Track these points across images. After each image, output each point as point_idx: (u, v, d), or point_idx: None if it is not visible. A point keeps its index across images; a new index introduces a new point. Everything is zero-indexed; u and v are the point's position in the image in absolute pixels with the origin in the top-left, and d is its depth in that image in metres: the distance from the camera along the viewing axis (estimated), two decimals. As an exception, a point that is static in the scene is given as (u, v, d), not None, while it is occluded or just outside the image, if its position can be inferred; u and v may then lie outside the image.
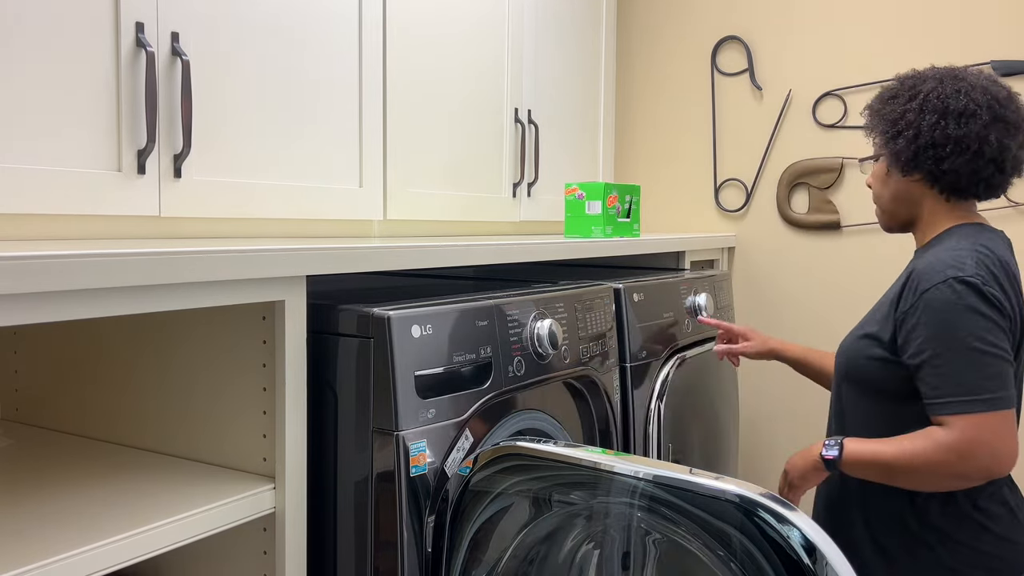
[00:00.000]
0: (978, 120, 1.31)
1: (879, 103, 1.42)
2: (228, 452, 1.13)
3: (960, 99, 1.32)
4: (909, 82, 1.39)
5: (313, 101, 1.50)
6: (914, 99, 1.36)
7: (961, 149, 1.31)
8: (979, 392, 1.18)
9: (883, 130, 1.40)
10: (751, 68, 2.48)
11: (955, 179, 1.33)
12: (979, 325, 1.20)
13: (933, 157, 1.33)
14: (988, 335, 1.20)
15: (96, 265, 0.81)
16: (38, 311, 0.79)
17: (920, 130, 1.33)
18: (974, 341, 1.20)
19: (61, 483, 1.07)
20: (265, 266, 1.00)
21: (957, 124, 1.31)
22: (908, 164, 1.36)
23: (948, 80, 1.36)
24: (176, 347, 1.18)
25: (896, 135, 1.37)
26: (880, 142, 1.42)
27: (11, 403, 1.39)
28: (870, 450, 1.26)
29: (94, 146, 1.16)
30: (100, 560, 0.87)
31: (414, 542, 1.12)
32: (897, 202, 1.42)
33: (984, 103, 1.32)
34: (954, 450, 1.18)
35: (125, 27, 1.18)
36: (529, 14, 2.11)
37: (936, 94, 1.34)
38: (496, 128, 2.01)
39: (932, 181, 1.36)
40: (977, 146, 1.30)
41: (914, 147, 1.34)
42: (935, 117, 1.32)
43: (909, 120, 1.34)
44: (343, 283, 1.59)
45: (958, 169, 1.32)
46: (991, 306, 1.22)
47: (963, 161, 1.31)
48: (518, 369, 1.32)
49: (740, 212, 2.54)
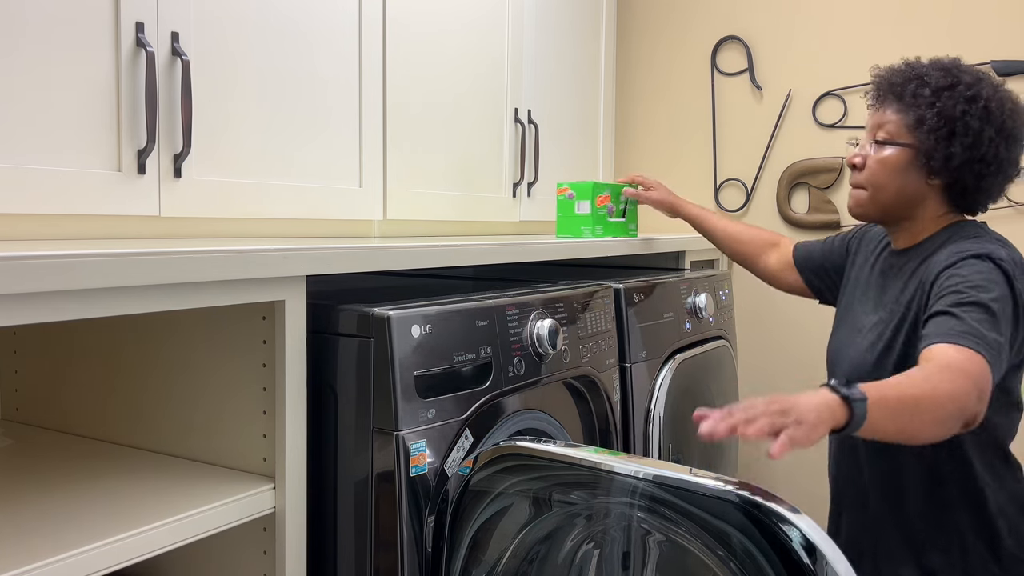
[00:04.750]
0: (1018, 143, 1.26)
1: (931, 91, 1.25)
2: (228, 452, 1.13)
3: (1015, 119, 1.25)
4: (966, 77, 1.25)
5: (313, 101, 1.50)
6: (974, 102, 1.24)
7: (1000, 170, 1.26)
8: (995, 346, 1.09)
9: (933, 125, 1.24)
10: (751, 68, 2.48)
11: (980, 197, 1.28)
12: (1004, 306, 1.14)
13: (976, 172, 1.25)
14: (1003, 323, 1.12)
15: (96, 265, 0.81)
16: (38, 311, 0.79)
17: (980, 141, 1.23)
18: (997, 306, 1.12)
19: (61, 483, 1.06)
20: (265, 266, 1.00)
21: (1007, 145, 1.25)
22: (946, 170, 1.25)
23: (1001, 90, 1.27)
24: (176, 347, 1.18)
25: (950, 136, 1.24)
26: (923, 133, 1.26)
27: (11, 403, 1.39)
28: (894, 392, 0.98)
29: (94, 146, 1.16)
30: (100, 560, 0.87)
31: (414, 542, 1.12)
32: (900, 198, 1.31)
33: (1023, 127, 1.27)
34: (977, 384, 1.03)
35: (125, 27, 1.18)
36: (529, 14, 2.11)
37: (997, 105, 1.24)
38: (496, 128, 2.01)
39: (956, 192, 1.28)
40: (1011, 171, 1.27)
41: (966, 156, 1.23)
42: (993, 131, 1.23)
43: (971, 126, 1.23)
44: (343, 283, 1.59)
45: (990, 189, 1.27)
46: (1015, 302, 1.16)
47: (996, 182, 1.26)
48: (518, 369, 1.32)
49: (740, 212, 2.54)
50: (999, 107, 1.24)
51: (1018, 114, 1.26)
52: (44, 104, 1.11)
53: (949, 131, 1.24)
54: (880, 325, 1.31)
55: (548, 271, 2.02)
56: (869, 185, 1.33)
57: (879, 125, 1.32)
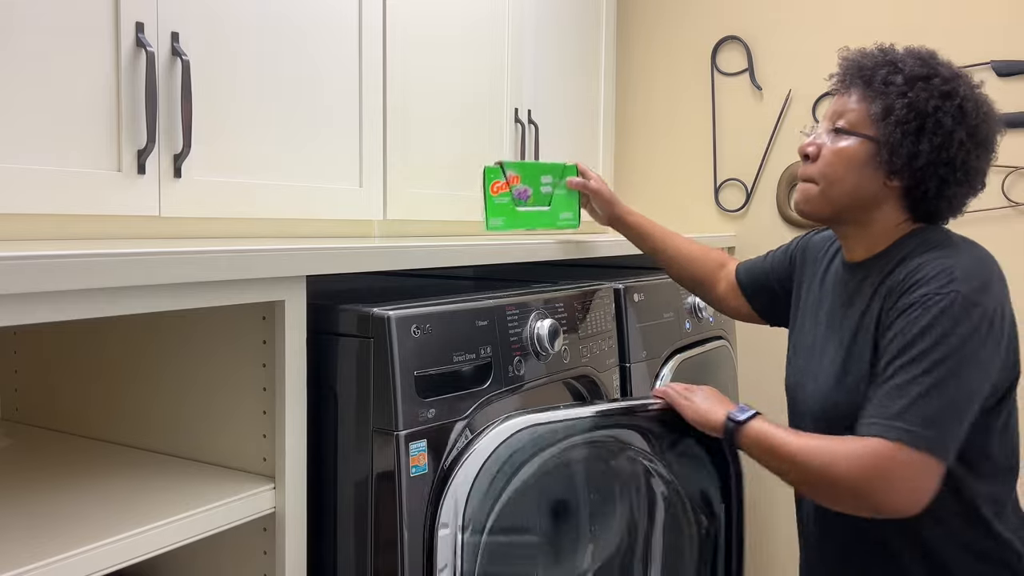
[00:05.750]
0: (990, 154, 1.15)
1: (904, 79, 1.12)
2: (228, 452, 1.13)
3: (990, 125, 1.14)
4: (944, 71, 1.12)
5: (313, 101, 1.50)
6: (949, 98, 1.10)
7: (967, 179, 1.13)
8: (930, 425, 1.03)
9: (902, 118, 1.11)
10: (751, 68, 2.48)
11: (941, 206, 1.15)
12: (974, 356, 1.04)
13: (941, 177, 1.12)
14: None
15: (96, 265, 0.81)
16: (38, 311, 0.79)
17: (950, 142, 1.10)
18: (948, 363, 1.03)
19: (61, 483, 1.06)
20: (265, 266, 1.00)
21: (978, 152, 1.12)
22: (908, 170, 1.12)
23: (978, 91, 1.14)
24: (176, 347, 1.18)
25: (918, 131, 1.10)
26: (888, 126, 1.12)
27: (11, 403, 1.39)
28: (779, 434, 1.12)
29: (94, 146, 1.16)
30: (100, 560, 0.86)
31: (414, 542, 1.12)
32: (854, 198, 1.16)
33: (996, 137, 1.15)
34: (880, 475, 1.02)
35: (125, 27, 1.18)
36: (529, 14, 2.11)
37: (972, 106, 1.11)
38: (496, 128, 2.01)
39: (916, 198, 1.14)
40: (978, 183, 1.15)
41: (932, 157, 1.10)
42: (965, 133, 1.10)
43: (942, 124, 1.10)
44: (343, 283, 1.59)
45: (952, 198, 1.14)
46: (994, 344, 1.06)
47: (960, 192, 1.14)
48: (518, 369, 1.32)
49: (740, 212, 2.54)
50: (975, 108, 1.12)
51: (992, 121, 1.15)
52: (44, 104, 1.11)
53: (918, 126, 1.10)
54: (844, 357, 1.17)
55: (548, 271, 2.02)
56: (821, 179, 1.18)
57: (840, 112, 1.17)
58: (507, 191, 1.54)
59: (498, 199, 1.53)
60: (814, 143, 1.20)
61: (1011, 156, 2.11)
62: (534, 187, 1.57)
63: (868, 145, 1.14)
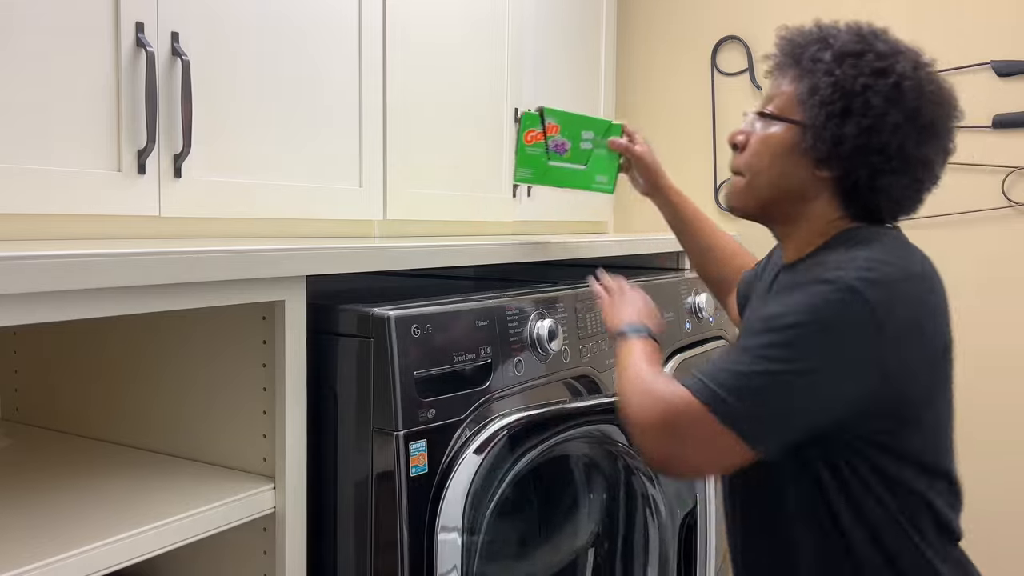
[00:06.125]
0: (938, 142, 1.00)
1: (833, 55, 0.99)
2: (228, 452, 1.13)
3: (935, 107, 0.99)
4: (881, 46, 1.00)
5: (313, 101, 1.50)
6: (882, 76, 0.97)
7: (906, 169, 0.99)
8: None
9: (826, 98, 0.98)
10: (751, 68, 2.48)
11: (879, 200, 1.01)
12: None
13: (872, 166, 0.98)
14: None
15: (96, 265, 0.81)
16: (38, 311, 0.79)
17: (880, 125, 0.96)
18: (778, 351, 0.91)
19: (61, 483, 1.06)
20: (265, 266, 1.00)
21: (919, 139, 0.98)
22: (834, 158, 0.99)
23: (924, 70, 0.99)
24: (176, 347, 1.18)
25: (844, 113, 0.97)
26: (814, 108, 0.99)
27: (11, 403, 1.38)
28: (632, 357, 1.06)
29: (94, 146, 1.16)
30: (100, 560, 0.86)
31: (414, 542, 1.12)
32: (781, 191, 1.05)
33: (948, 123, 1.01)
34: (662, 417, 0.94)
35: (125, 27, 1.18)
36: (529, 14, 2.11)
37: (912, 86, 0.97)
38: (496, 128, 2.01)
39: (846, 189, 1.01)
40: (922, 173, 1.00)
41: (860, 142, 0.97)
42: (901, 116, 0.96)
43: (871, 105, 0.96)
44: (343, 283, 1.59)
45: (889, 190, 1.00)
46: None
47: (898, 183, 0.99)
48: (518, 369, 1.32)
49: (740, 212, 2.54)
50: (915, 89, 0.97)
51: (941, 104, 0.99)
52: (44, 104, 1.11)
53: (844, 107, 0.97)
54: None
55: (548, 271, 2.02)
56: (747, 170, 1.08)
57: (770, 97, 1.07)
58: (541, 141, 1.38)
59: (530, 149, 1.38)
60: (743, 131, 1.09)
61: (1011, 156, 2.11)
62: (573, 141, 1.40)
63: (795, 131, 1.02)
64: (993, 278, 2.14)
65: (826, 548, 0.99)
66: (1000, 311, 2.13)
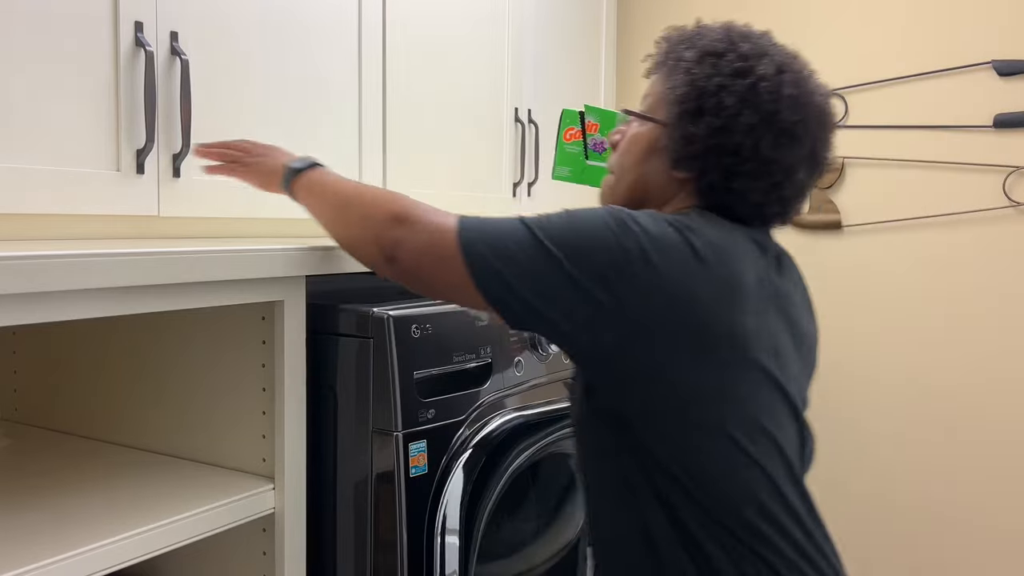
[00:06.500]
0: (799, 148, 0.97)
1: (695, 54, 0.98)
2: (228, 452, 1.13)
3: (796, 111, 0.96)
4: (744, 46, 0.98)
5: (312, 101, 1.50)
6: (740, 77, 0.95)
7: (762, 173, 0.96)
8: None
9: (682, 96, 0.97)
10: (751, 68, 2.48)
11: (737, 203, 0.98)
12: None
13: (725, 168, 0.96)
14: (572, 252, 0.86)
15: (96, 265, 0.81)
16: (37, 311, 0.79)
17: (732, 126, 0.94)
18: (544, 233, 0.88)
19: (60, 483, 1.06)
20: (265, 266, 1.00)
21: (777, 142, 0.95)
22: (688, 159, 0.98)
23: (789, 74, 0.97)
24: (176, 347, 1.18)
25: (696, 113, 0.96)
26: (671, 106, 0.99)
27: (10, 403, 1.38)
28: (332, 185, 1.03)
29: (93, 146, 1.16)
30: (100, 560, 0.86)
31: (413, 542, 1.12)
32: (642, 191, 1.03)
33: (812, 129, 0.98)
34: (404, 212, 0.94)
35: (124, 27, 1.18)
36: (529, 14, 2.11)
37: (771, 87, 0.95)
38: (496, 128, 2.01)
39: (702, 191, 0.99)
40: (781, 178, 0.97)
41: (711, 143, 0.95)
42: (756, 117, 0.94)
43: (724, 105, 0.94)
44: (343, 283, 1.59)
45: (745, 192, 0.97)
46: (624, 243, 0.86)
47: (757, 187, 0.96)
48: (518, 369, 1.32)
49: (740, 212, 2.54)
50: (773, 92, 0.95)
51: (804, 107, 0.96)
52: (43, 103, 1.11)
53: (697, 107, 0.96)
54: None
55: (548, 271, 2.02)
56: (616, 169, 1.06)
57: (644, 96, 1.07)
58: (580, 140, 1.40)
59: (569, 147, 1.39)
60: (619, 131, 1.09)
61: (1011, 156, 2.11)
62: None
63: (655, 130, 1.02)
64: (993, 278, 2.14)
65: (663, 522, 0.92)
66: (1000, 311, 2.13)
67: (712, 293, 0.87)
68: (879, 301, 2.31)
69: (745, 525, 0.89)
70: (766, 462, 0.90)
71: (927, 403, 2.25)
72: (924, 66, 2.21)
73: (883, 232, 2.30)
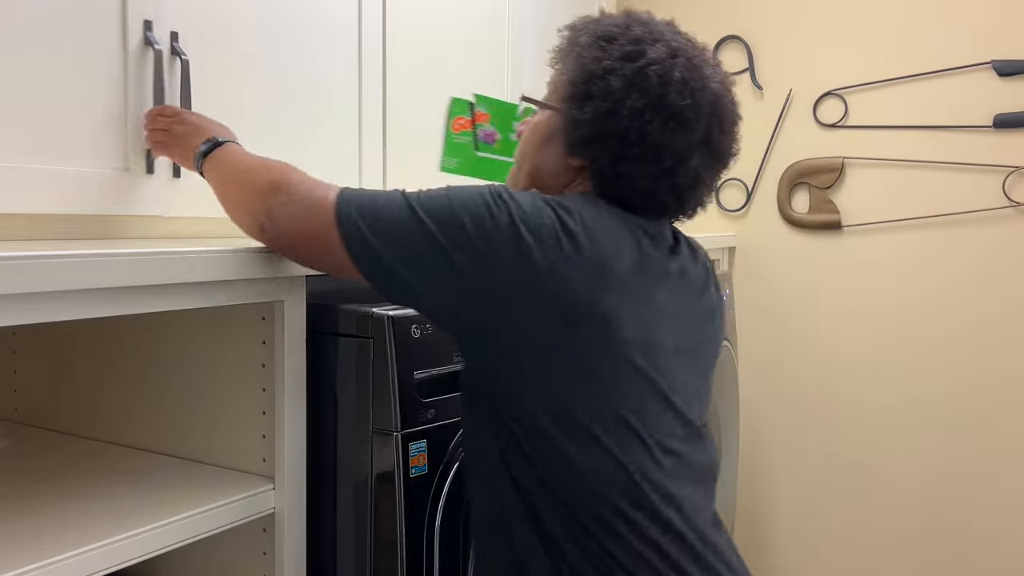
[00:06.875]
0: (690, 133, 0.94)
1: (589, 39, 0.98)
2: (227, 453, 1.13)
3: (686, 95, 0.93)
4: (638, 30, 0.96)
5: (312, 101, 1.50)
6: (629, 61, 0.94)
7: (652, 159, 0.94)
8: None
9: (572, 79, 0.97)
10: (751, 68, 2.48)
11: (627, 190, 0.96)
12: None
13: (613, 153, 0.94)
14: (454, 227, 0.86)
15: (96, 265, 0.81)
16: (38, 311, 0.79)
17: (618, 110, 0.93)
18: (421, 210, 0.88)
19: (60, 483, 1.06)
20: (265, 266, 1.00)
21: (664, 127, 0.93)
22: (578, 144, 0.97)
23: (682, 59, 0.94)
24: (176, 347, 1.18)
25: (585, 97, 0.95)
26: (562, 91, 0.99)
27: (10, 403, 1.38)
28: (234, 162, 1.02)
29: (99, 145, 1.16)
30: (100, 560, 0.86)
31: (414, 542, 1.12)
32: (540, 179, 1.02)
33: (706, 115, 0.95)
34: (286, 182, 0.93)
35: (132, 25, 1.18)
36: (529, 15, 2.11)
37: (663, 71, 0.93)
38: (496, 128, 2.01)
39: (596, 179, 0.98)
40: (671, 164, 0.94)
41: (599, 128, 0.94)
42: (643, 102, 0.92)
43: (611, 89, 0.93)
44: (343, 283, 1.59)
45: (632, 178, 0.95)
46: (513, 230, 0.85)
47: (646, 174, 0.94)
48: (518, 369, 1.32)
49: (741, 212, 2.54)
50: (663, 74, 0.92)
51: (696, 92, 0.94)
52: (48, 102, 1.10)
53: (585, 91, 0.95)
54: None
55: (548, 271, 2.02)
56: (518, 157, 1.06)
57: (547, 85, 1.06)
58: (469, 130, 1.30)
59: (458, 137, 1.30)
60: (527, 121, 1.07)
61: (1011, 156, 2.11)
62: (504, 132, 1.32)
63: (551, 117, 1.01)
64: (993, 278, 2.14)
65: (519, 505, 0.91)
66: (1000, 311, 2.13)
67: (579, 273, 0.86)
68: (879, 301, 2.31)
69: (597, 520, 0.86)
70: (625, 457, 0.87)
71: (927, 403, 2.25)
72: (924, 66, 2.21)
73: (883, 232, 2.30)
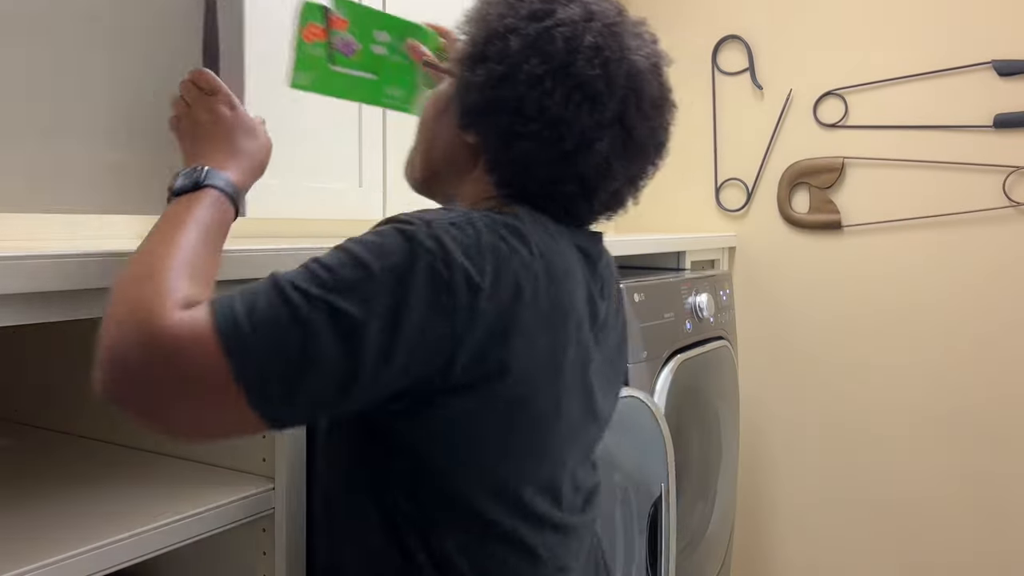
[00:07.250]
0: (598, 110, 0.79)
1: (495, 1, 0.83)
2: (227, 452, 1.13)
3: (594, 65, 0.78)
4: None
5: (312, 100, 1.50)
6: (534, 21, 0.79)
7: (552, 139, 0.79)
8: None
9: (470, 39, 0.83)
10: (752, 67, 2.48)
11: (521, 176, 0.82)
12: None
13: (505, 128, 0.80)
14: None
15: (96, 265, 0.81)
16: (38, 311, 0.79)
17: (514, 75, 0.78)
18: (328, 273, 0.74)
19: (59, 484, 1.06)
20: (265, 266, 1.00)
21: (566, 100, 0.78)
22: (468, 114, 0.83)
23: (599, 23, 0.80)
24: (176, 347, 1.18)
25: (479, 59, 0.81)
26: (461, 50, 0.84)
27: (9, 403, 1.38)
28: (166, 225, 0.77)
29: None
30: (100, 561, 0.86)
31: (414, 543, 1.11)
32: (434, 156, 0.90)
33: (620, 90, 0.80)
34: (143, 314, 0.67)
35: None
36: (529, 14, 2.11)
37: (573, 34, 0.78)
38: (496, 128, 2.01)
39: (488, 159, 0.83)
40: (573, 146, 0.79)
41: (490, 96, 0.80)
42: (544, 68, 0.78)
43: (508, 52, 0.79)
44: (343, 283, 1.59)
45: (526, 160, 0.80)
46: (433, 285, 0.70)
47: (543, 158, 0.80)
48: (518, 369, 1.31)
49: (741, 212, 2.54)
50: (572, 37, 0.78)
51: (611, 62, 0.79)
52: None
53: (481, 52, 0.81)
54: None
55: (548, 271, 2.02)
56: (419, 131, 0.94)
57: None
58: (324, 40, 1.06)
59: (311, 48, 1.05)
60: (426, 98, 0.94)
61: (1012, 156, 2.11)
62: (364, 43, 1.10)
63: (449, 83, 0.88)
64: (993, 278, 2.14)
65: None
66: (1001, 311, 2.13)
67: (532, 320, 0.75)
68: (879, 301, 2.31)
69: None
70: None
71: (927, 402, 2.25)
72: (924, 66, 2.21)
73: (883, 232, 2.30)
